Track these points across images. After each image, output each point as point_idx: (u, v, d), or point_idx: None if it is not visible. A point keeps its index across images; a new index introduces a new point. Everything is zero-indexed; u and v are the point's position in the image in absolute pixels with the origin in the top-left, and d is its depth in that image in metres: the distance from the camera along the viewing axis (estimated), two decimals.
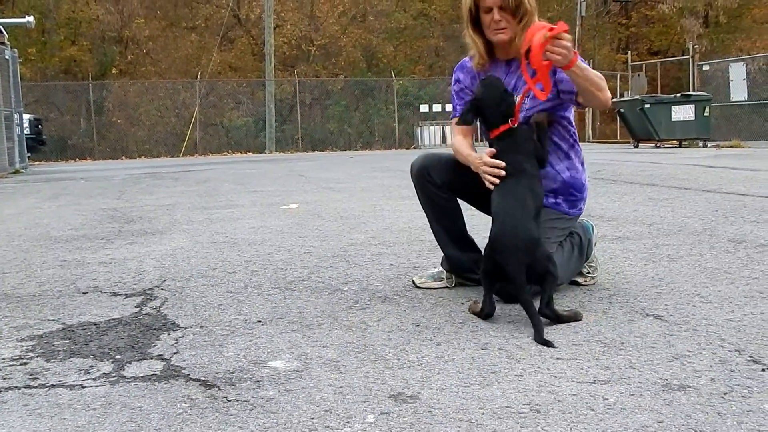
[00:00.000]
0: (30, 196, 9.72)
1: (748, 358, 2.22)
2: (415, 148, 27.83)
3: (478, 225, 3.43)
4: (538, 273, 2.67)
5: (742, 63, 21.47)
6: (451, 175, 3.20)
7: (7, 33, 17.18)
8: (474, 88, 3.10)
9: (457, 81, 3.33)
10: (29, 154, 19.51)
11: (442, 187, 3.21)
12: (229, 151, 28.16)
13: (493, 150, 2.93)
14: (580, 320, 2.68)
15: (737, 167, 9.72)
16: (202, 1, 36.04)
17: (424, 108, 29.38)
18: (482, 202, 3.15)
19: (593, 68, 3.06)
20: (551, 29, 2.72)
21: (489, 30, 3.08)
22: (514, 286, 2.67)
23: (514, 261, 2.65)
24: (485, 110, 2.95)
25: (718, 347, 2.33)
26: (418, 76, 33.39)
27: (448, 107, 29.41)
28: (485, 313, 2.77)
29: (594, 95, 2.90)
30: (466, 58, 3.31)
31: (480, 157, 2.97)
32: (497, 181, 2.87)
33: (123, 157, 26.92)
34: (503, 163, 2.87)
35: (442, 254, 3.36)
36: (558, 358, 2.28)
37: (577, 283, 3.23)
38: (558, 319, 2.65)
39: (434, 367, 2.25)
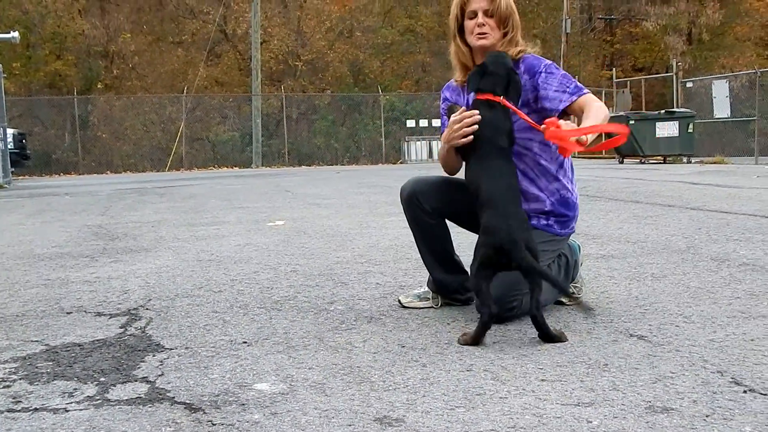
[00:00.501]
0: (13, 212, 9.65)
1: (730, 380, 2.23)
2: (401, 162, 27.89)
3: (464, 243, 3.44)
4: (527, 266, 2.69)
5: (725, 80, 21.68)
6: (442, 200, 3.22)
7: None
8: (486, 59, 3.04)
9: (445, 99, 3.36)
10: (13, 169, 19.37)
11: (432, 213, 3.22)
12: (216, 165, 28.10)
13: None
14: (565, 342, 2.70)
15: (721, 184, 9.80)
16: (189, 16, 36.04)
17: (410, 123, 29.44)
18: (473, 224, 3.15)
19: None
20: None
21: (472, 36, 3.12)
22: (534, 274, 2.69)
23: (521, 245, 2.69)
24: (485, 75, 2.95)
25: (700, 368, 2.35)
26: (405, 92, 33.51)
27: (435, 122, 29.63)
28: (489, 314, 2.68)
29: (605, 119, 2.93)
30: (452, 80, 3.34)
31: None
32: (469, 132, 2.88)
33: (108, 172, 26.80)
34: (476, 112, 2.89)
35: (429, 274, 3.37)
36: (542, 380, 2.29)
37: (562, 303, 3.25)
38: (544, 329, 2.68)
39: (420, 390, 2.25)
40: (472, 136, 2.91)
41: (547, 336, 2.70)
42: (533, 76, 3.07)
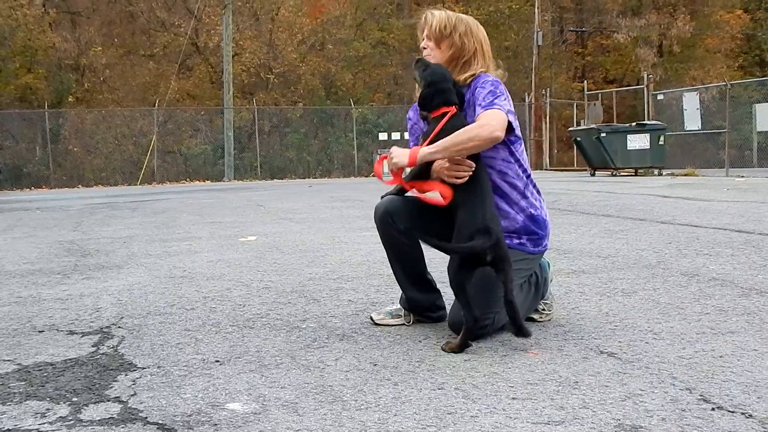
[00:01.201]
0: None
1: (699, 397, 2.27)
2: (374, 176, 27.92)
3: (435, 258, 3.46)
4: (504, 255, 2.88)
5: (696, 92, 21.92)
6: (415, 220, 3.24)
7: None
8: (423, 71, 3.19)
9: (409, 119, 3.50)
10: None
11: (406, 232, 3.24)
12: (188, 179, 27.93)
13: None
14: (528, 337, 2.84)
15: (691, 197, 9.92)
16: (160, 28, 35.87)
17: (383, 136, 29.49)
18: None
19: (550, 97, 3.22)
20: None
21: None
22: (504, 263, 2.87)
23: (500, 237, 2.88)
24: (432, 91, 3.09)
25: (669, 386, 2.39)
26: (377, 104, 33.58)
27: (407, 135, 29.50)
28: (473, 318, 2.84)
29: (468, 150, 2.98)
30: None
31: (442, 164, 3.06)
32: (463, 179, 3.00)
33: (79, 186, 26.54)
34: (471, 163, 2.99)
35: (401, 291, 3.38)
36: (513, 398, 2.32)
37: (533, 320, 3.27)
38: (518, 321, 2.84)
39: (391, 409, 2.26)
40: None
41: (520, 329, 2.82)
42: (474, 90, 3.14)
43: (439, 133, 3.01)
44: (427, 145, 3.02)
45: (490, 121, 2.97)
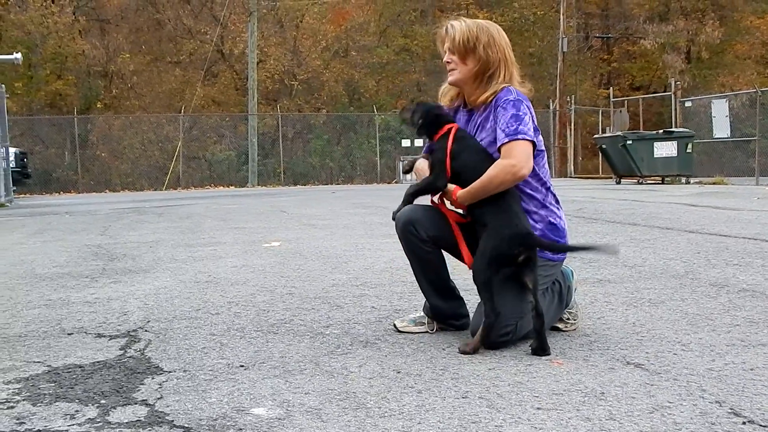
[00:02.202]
0: (15, 231, 9.66)
1: (729, 411, 2.24)
2: (396, 182, 27.92)
3: (459, 266, 3.44)
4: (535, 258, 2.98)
5: (725, 99, 21.64)
6: (437, 229, 3.24)
7: None
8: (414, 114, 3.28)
9: None
10: (14, 188, 19.40)
11: (428, 241, 3.24)
12: (212, 184, 28.12)
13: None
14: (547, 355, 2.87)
15: (720, 206, 9.81)
16: (187, 36, 36.18)
17: (405, 142, 29.51)
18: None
19: (575, 103, 3.23)
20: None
21: (448, 74, 3.29)
22: (533, 271, 2.95)
23: (534, 237, 2.99)
24: (430, 118, 3.20)
25: (698, 398, 2.35)
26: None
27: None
28: (496, 314, 2.89)
29: (496, 190, 3.03)
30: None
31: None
32: None
33: (107, 191, 26.82)
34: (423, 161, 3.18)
35: (425, 299, 3.38)
36: (538, 408, 2.30)
37: (558, 329, 3.25)
38: (541, 330, 2.89)
39: (415, 416, 2.26)
40: None
41: (541, 345, 2.88)
42: (495, 109, 3.13)
43: (456, 147, 3.10)
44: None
45: (517, 161, 3.00)
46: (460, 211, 3.20)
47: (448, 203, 3.22)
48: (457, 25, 3.22)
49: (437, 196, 3.24)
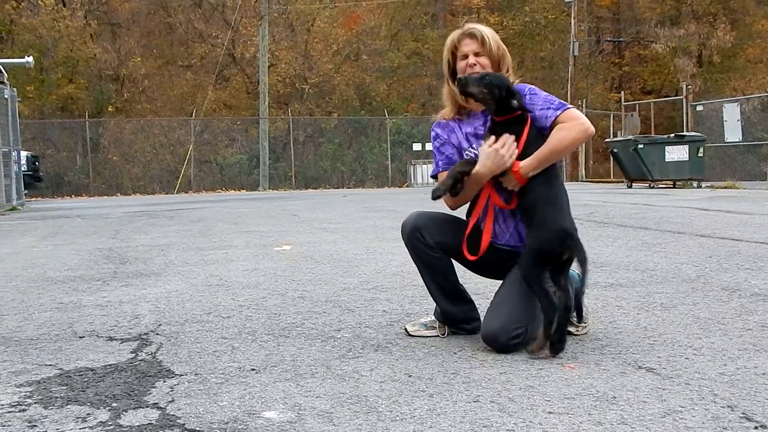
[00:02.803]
0: (27, 234, 9.71)
1: (741, 415, 2.23)
2: (407, 186, 27.95)
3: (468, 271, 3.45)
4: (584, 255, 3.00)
5: (737, 103, 21.55)
6: (444, 235, 3.25)
7: (6, 72, 17.30)
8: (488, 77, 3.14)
9: (436, 137, 3.40)
10: (26, 191, 19.52)
11: (434, 247, 3.24)
12: (223, 188, 28.21)
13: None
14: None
15: (732, 210, 9.76)
16: (198, 40, 36.34)
17: (417, 146, 29.54)
18: (473, 263, 3.24)
19: (587, 107, 3.22)
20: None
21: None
22: (567, 272, 3.01)
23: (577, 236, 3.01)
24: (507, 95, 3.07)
25: (710, 402, 2.35)
26: (411, 115, 33.62)
27: (433, 149, 29.24)
28: (554, 309, 2.90)
29: (566, 152, 3.11)
30: (440, 117, 3.42)
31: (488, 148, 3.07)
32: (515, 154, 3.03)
33: (118, 194, 26.95)
34: (509, 135, 3.04)
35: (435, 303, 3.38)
36: (550, 412, 2.29)
37: (570, 333, 3.24)
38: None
39: (426, 420, 2.26)
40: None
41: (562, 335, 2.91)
42: (523, 98, 3.14)
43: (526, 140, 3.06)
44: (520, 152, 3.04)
45: (583, 119, 3.07)
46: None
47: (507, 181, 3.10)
48: (487, 31, 3.22)
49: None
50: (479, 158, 3.09)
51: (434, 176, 3.39)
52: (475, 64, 3.19)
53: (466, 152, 3.28)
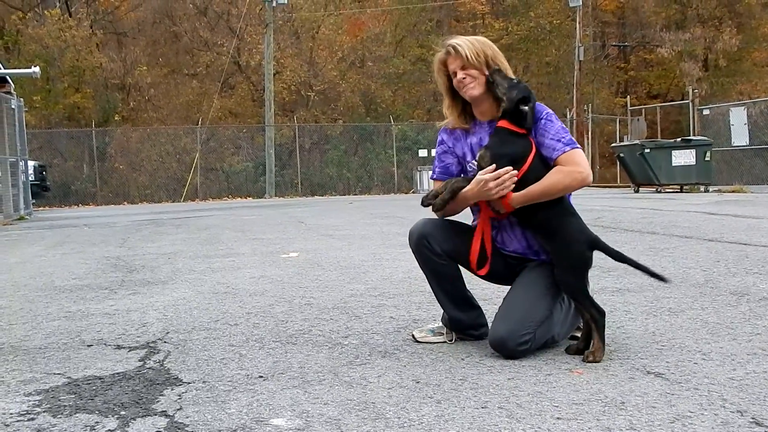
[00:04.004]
0: (34, 243, 9.75)
1: (751, 420, 2.22)
2: (414, 192, 27.94)
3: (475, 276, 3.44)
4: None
5: (743, 107, 21.48)
6: (451, 243, 3.25)
7: (13, 82, 17.36)
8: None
9: (441, 143, 3.42)
10: (33, 201, 19.58)
11: (442, 255, 3.24)
12: (229, 195, 28.25)
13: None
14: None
15: (739, 214, 9.72)
16: (203, 48, 36.44)
17: (422, 152, 29.54)
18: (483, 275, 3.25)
19: (592, 112, 3.20)
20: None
21: (462, 91, 3.24)
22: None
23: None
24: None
25: (719, 408, 2.34)
26: (417, 121, 33.64)
27: (436, 157, 29.12)
28: (602, 314, 2.97)
29: (556, 196, 3.06)
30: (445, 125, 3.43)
31: (480, 178, 3.05)
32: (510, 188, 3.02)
33: (125, 203, 27.01)
34: (510, 169, 3.02)
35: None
36: (558, 418, 2.29)
37: (577, 338, 3.23)
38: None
39: (434, 427, 2.25)
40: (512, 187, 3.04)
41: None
42: (536, 122, 3.13)
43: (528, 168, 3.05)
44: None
45: (583, 167, 3.06)
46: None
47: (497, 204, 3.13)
48: (462, 43, 3.20)
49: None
50: (473, 180, 3.10)
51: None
52: (465, 77, 3.19)
53: (470, 164, 3.29)
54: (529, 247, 3.23)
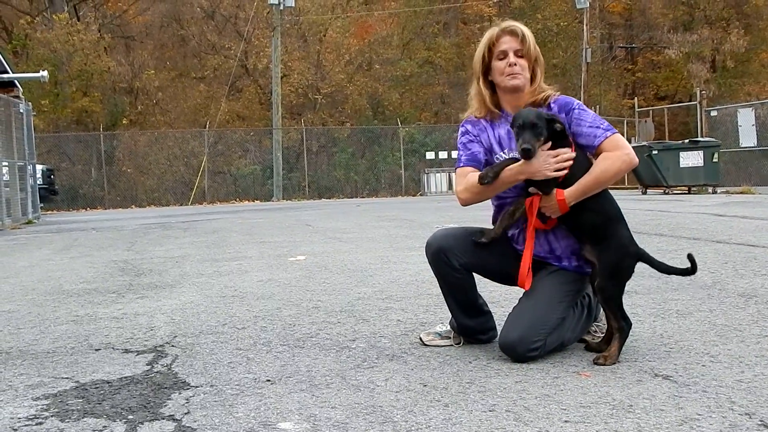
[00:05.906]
0: (42, 247, 9.78)
1: (759, 423, 2.21)
2: (421, 194, 27.94)
3: (488, 283, 3.44)
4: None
5: (751, 108, 21.43)
6: (470, 256, 3.19)
7: (21, 86, 17.43)
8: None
9: (466, 133, 3.29)
10: (41, 204, 19.65)
11: (459, 269, 3.19)
12: (237, 199, 28.29)
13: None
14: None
15: (747, 216, 9.69)
16: (211, 51, 36.55)
17: (430, 155, 29.56)
18: (501, 277, 3.26)
19: (600, 114, 3.17)
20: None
21: (502, 76, 3.15)
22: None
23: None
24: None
25: (728, 410, 2.33)
26: (424, 123, 33.65)
27: (455, 154, 29.40)
28: (630, 326, 2.99)
29: (610, 182, 3.07)
30: (470, 115, 3.33)
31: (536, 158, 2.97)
32: (566, 168, 2.98)
33: (133, 206, 27.09)
34: (571, 154, 3.00)
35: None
36: (566, 421, 2.28)
37: (586, 342, 3.23)
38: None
39: (442, 430, 2.25)
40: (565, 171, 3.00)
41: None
42: (568, 113, 3.11)
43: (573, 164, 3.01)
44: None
45: (629, 149, 3.07)
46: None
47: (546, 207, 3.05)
48: (527, 30, 3.16)
49: (529, 199, 3.07)
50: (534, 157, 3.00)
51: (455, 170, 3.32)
52: (515, 64, 3.12)
53: (497, 156, 3.20)
54: (551, 251, 3.17)
